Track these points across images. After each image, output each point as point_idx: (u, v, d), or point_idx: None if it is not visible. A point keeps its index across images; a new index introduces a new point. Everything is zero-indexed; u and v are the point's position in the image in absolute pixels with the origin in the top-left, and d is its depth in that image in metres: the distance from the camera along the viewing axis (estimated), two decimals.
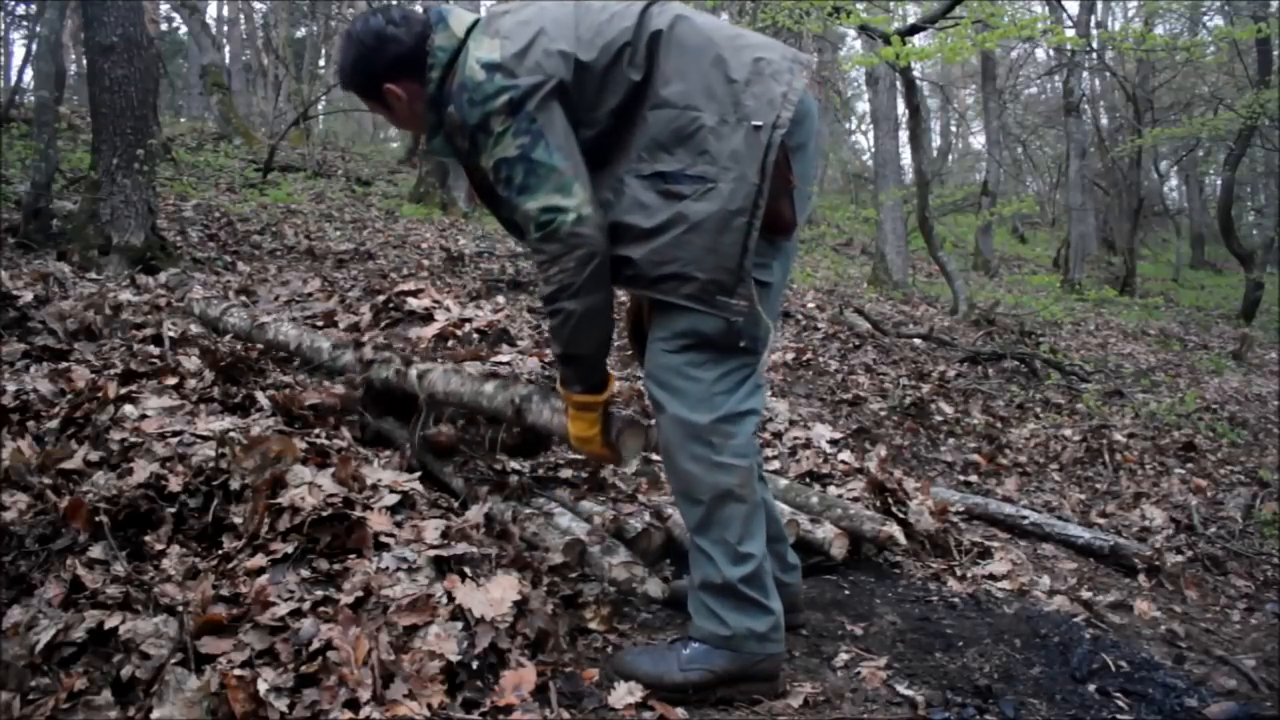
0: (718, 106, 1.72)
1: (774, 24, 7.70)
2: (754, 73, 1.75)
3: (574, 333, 1.81)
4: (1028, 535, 3.30)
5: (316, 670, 1.55)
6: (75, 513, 1.84)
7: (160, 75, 11.02)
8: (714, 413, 1.76)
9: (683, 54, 1.76)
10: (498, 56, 1.76)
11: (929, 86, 21.56)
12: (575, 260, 1.73)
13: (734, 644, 1.78)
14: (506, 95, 1.73)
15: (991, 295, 10.42)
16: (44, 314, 3.13)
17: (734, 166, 1.69)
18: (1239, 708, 1.90)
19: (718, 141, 1.70)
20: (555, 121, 1.74)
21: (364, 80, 1.92)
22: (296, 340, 3.16)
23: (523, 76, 1.73)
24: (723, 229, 1.69)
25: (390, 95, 1.89)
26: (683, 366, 1.78)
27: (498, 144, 1.75)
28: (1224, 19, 16.59)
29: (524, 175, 1.73)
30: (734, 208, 1.69)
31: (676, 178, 1.71)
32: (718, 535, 1.78)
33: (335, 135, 19.03)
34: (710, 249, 1.70)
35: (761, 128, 1.70)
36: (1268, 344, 11.05)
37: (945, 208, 16.57)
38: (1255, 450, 5.29)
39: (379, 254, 6.86)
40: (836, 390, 5.08)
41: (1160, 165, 21.27)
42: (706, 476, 1.77)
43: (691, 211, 1.70)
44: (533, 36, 1.77)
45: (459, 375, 2.56)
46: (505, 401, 2.34)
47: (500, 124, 1.74)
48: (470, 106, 1.76)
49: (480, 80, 1.75)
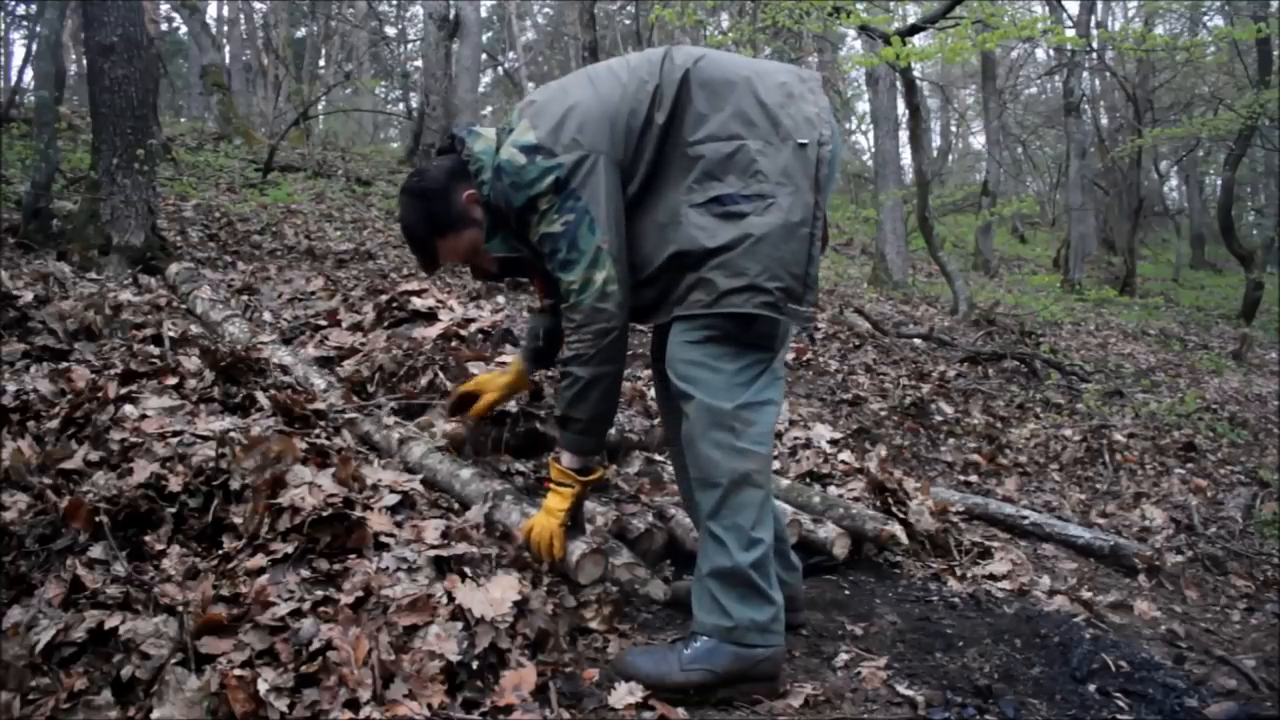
0: (759, 131, 1.81)
1: (774, 24, 7.69)
2: (785, 96, 1.85)
3: (576, 397, 1.90)
4: (1028, 535, 3.30)
5: (316, 670, 1.55)
6: (75, 513, 1.84)
7: (160, 75, 11.01)
8: (736, 400, 1.81)
9: (713, 89, 1.85)
10: (534, 138, 1.85)
11: (929, 86, 21.58)
12: (593, 332, 1.84)
13: (736, 635, 1.79)
14: (551, 175, 1.83)
15: (991, 295, 10.42)
16: (44, 314, 3.12)
17: (788, 182, 1.79)
18: (1239, 708, 1.90)
19: (767, 161, 1.80)
20: (600, 194, 1.83)
21: (421, 244, 2.06)
22: (292, 369, 3.09)
23: (563, 154, 1.83)
24: (788, 239, 1.77)
25: (444, 250, 2.04)
26: (704, 358, 1.83)
27: (543, 221, 1.85)
28: (1224, 19, 16.59)
29: (566, 250, 1.83)
30: (796, 219, 1.78)
31: (734, 199, 1.79)
32: (731, 520, 1.81)
33: (335, 135, 19.01)
34: (779, 258, 1.77)
35: (807, 145, 1.80)
36: (1268, 344, 11.05)
37: (945, 208, 16.59)
38: (1255, 450, 5.29)
39: (379, 254, 6.86)
40: (836, 390, 5.08)
41: (1160, 165, 21.28)
42: (726, 461, 1.80)
43: (756, 226, 1.77)
44: (564, 114, 1.86)
45: (438, 455, 2.51)
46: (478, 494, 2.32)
47: (546, 203, 1.84)
48: (515, 191, 1.86)
49: (522, 164, 1.84)
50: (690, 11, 8.59)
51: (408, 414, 2.86)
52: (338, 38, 21.10)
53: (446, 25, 11.10)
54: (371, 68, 23.81)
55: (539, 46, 26.60)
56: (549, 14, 27.61)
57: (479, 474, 2.40)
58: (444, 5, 11.21)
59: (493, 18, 23.86)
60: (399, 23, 23.07)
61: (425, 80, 11.87)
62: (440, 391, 2.95)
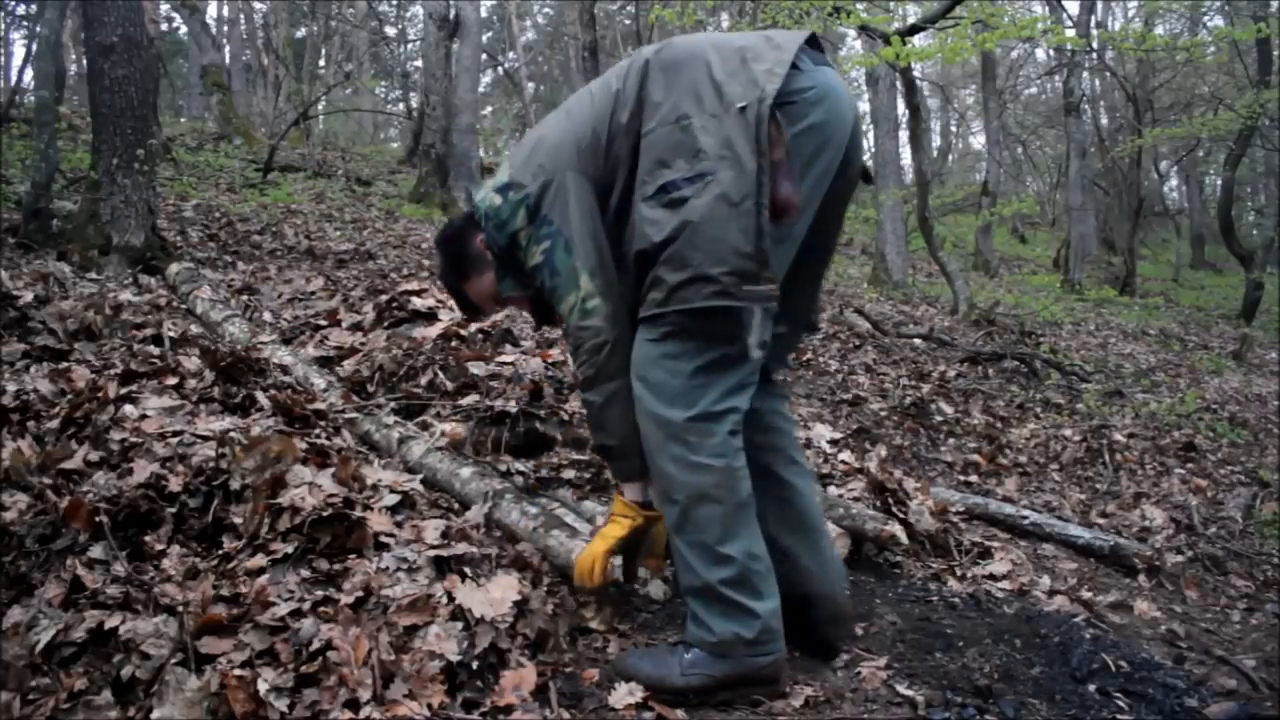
0: (705, 105, 1.70)
1: (774, 24, 7.70)
2: (739, 62, 1.72)
3: (597, 423, 1.88)
4: (1028, 535, 3.30)
5: (316, 670, 1.55)
6: (75, 513, 1.84)
7: (160, 75, 11.01)
8: (689, 409, 1.72)
9: (670, 72, 1.77)
10: (506, 177, 1.88)
11: (929, 86, 21.58)
12: (587, 351, 1.81)
13: (723, 650, 1.74)
14: (522, 207, 1.83)
15: (991, 295, 10.42)
16: (44, 314, 3.13)
17: (728, 154, 1.65)
18: (1239, 708, 1.90)
19: (708, 137, 1.67)
20: (570, 212, 1.80)
21: (453, 290, 2.12)
22: (292, 368, 3.10)
23: (530, 183, 1.82)
24: (731, 218, 1.64)
25: (474, 294, 2.08)
26: (660, 358, 1.74)
27: (528, 254, 1.86)
28: (1224, 19, 16.59)
29: (550, 278, 1.83)
30: (737, 195, 1.64)
31: (676, 185, 1.69)
32: (694, 537, 1.75)
33: (335, 135, 19.03)
34: (722, 240, 1.64)
35: (747, 107, 1.65)
36: (1268, 344, 11.04)
37: (945, 208, 16.59)
38: (1255, 450, 5.29)
39: (379, 254, 6.86)
40: (836, 390, 5.08)
41: (1160, 165, 21.27)
42: (681, 476, 1.73)
43: (694, 211, 1.66)
44: (532, 146, 1.88)
45: (438, 454, 2.52)
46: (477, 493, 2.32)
47: (525, 236, 1.85)
48: (498, 231, 1.89)
49: (498, 204, 1.87)
50: (690, 11, 8.60)
51: (408, 413, 2.87)
52: (338, 38, 21.09)
53: (446, 25, 11.09)
54: (371, 68, 23.81)
55: (539, 46, 26.60)
56: (549, 14, 27.62)
57: (479, 473, 2.40)
58: (444, 5, 11.21)
59: (493, 18, 23.85)
60: (399, 23, 23.09)
61: (425, 80, 11.87)
62: (440, 390, 2.95)
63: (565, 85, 27.13)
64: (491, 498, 2.26)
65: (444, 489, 2.43)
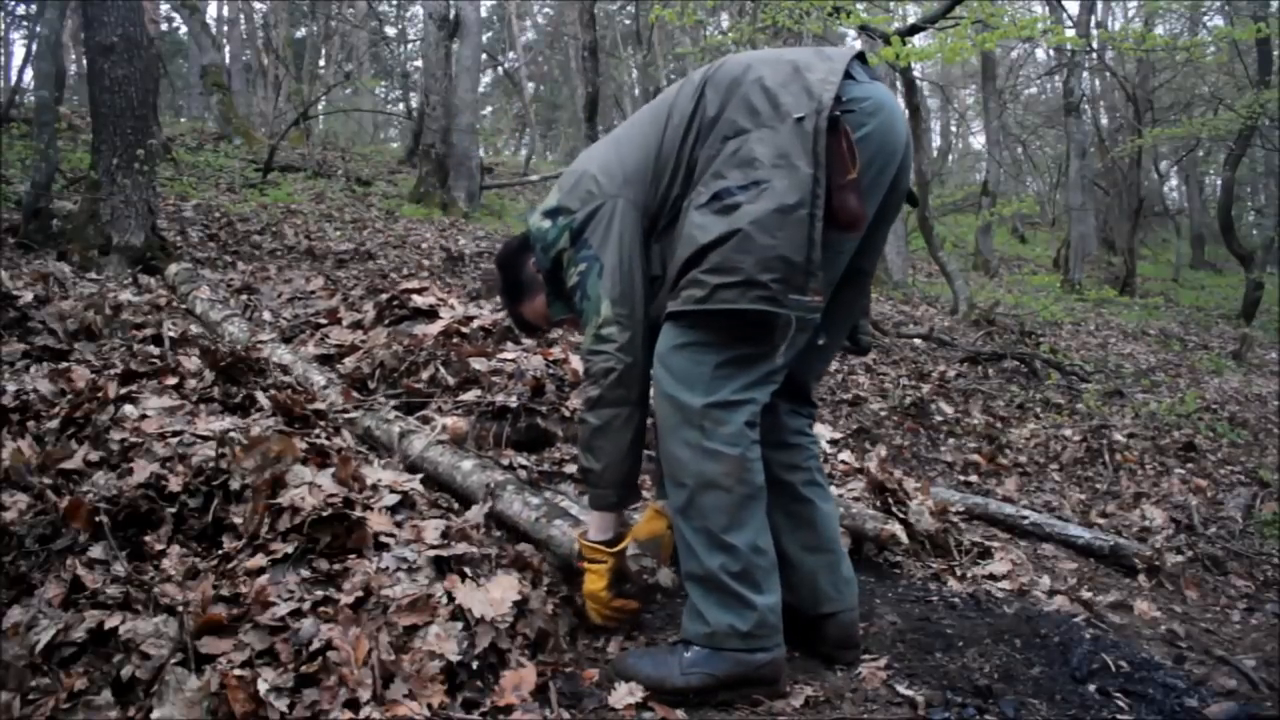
0: (761, 118, 1.72)
1: (774, 24, 7.69)
2: (791, 72, 1.75)
3: (585, 445, 1.91)
4: (1028, 535, 3.30)
5: (316, 670, 1.55)
6: (75, 513, 1.84)
7: (160, 75, 11.01)
8: (709, 396, 1.73)
9: (723, 89, 1.80)
10: (555, 201, 1.92)
11: (929, 86, 21.58)
12: (595, 373, 1.84)
13: (716, 641, 1.74)
14: (567, 231, 1.87)
15: (991, 295, 10.42)
16: (44, 314, 3.13)
17: (783, 162, 1.67)
18: (1239, 708, 1.90)
19: (764, 146, 1.70)
20: (611, 239, 1.83)
21: (509, 310, 2.17)
22: (292, 368, 3.10)
23: (579, 209, 1.86)
24: (782, 225, 1.65)
25: (528, 314, 2.12)
26: (685, 346, 1.76)
27: (567, 275, 1.89)
28: (1224, 19, 16.59)
29: (581, 300, 1.86)
30: (791, 201, 1.65)
31: (730, 192, 1.71)
32: (699, 523, 1.75)
33: (335, 135, 19.01)
34: (773, 247, 1.65)
35: (804, 118, 1.67)
36: (1268, 344, 11.04)
37: (945, 208, 16.60)
38: (1255, 450, 5.28)
39: (379, 254, 6.86)
40: (836, 390, 5.08)
41: (1160, 165, 21.27)
42: (693, 461, 1.74)
43: (748, 215, 1.67)
44: (581, 172, 1.90)
45: (439, 447, 2.52)
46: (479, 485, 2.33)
47: (566, 258, 1.89)
48: (544, 254, 1.94)
49: (545, 228, 1.91)
50: (690, 11, 8.59)
51: (409, 409, 2.87)
52: (338, 38, 21.10)
53: (446, 25, 11.09)
54: (371, 68, 23.82)
55: (539, 46, 26.62)
56: (549, 14, 27.63)
57: (480, 465, 2.40)
58: (444, 5, 11.21)
59: (493, 18, 23.87)
60: (399, 23, 23.09)
61: (425, 80, 11.86)
62: (441, 386, 2.95)
63: (565, 85, 27.14)
64: (493, 489, 2.26)
65: (445, 483, 2.43)
